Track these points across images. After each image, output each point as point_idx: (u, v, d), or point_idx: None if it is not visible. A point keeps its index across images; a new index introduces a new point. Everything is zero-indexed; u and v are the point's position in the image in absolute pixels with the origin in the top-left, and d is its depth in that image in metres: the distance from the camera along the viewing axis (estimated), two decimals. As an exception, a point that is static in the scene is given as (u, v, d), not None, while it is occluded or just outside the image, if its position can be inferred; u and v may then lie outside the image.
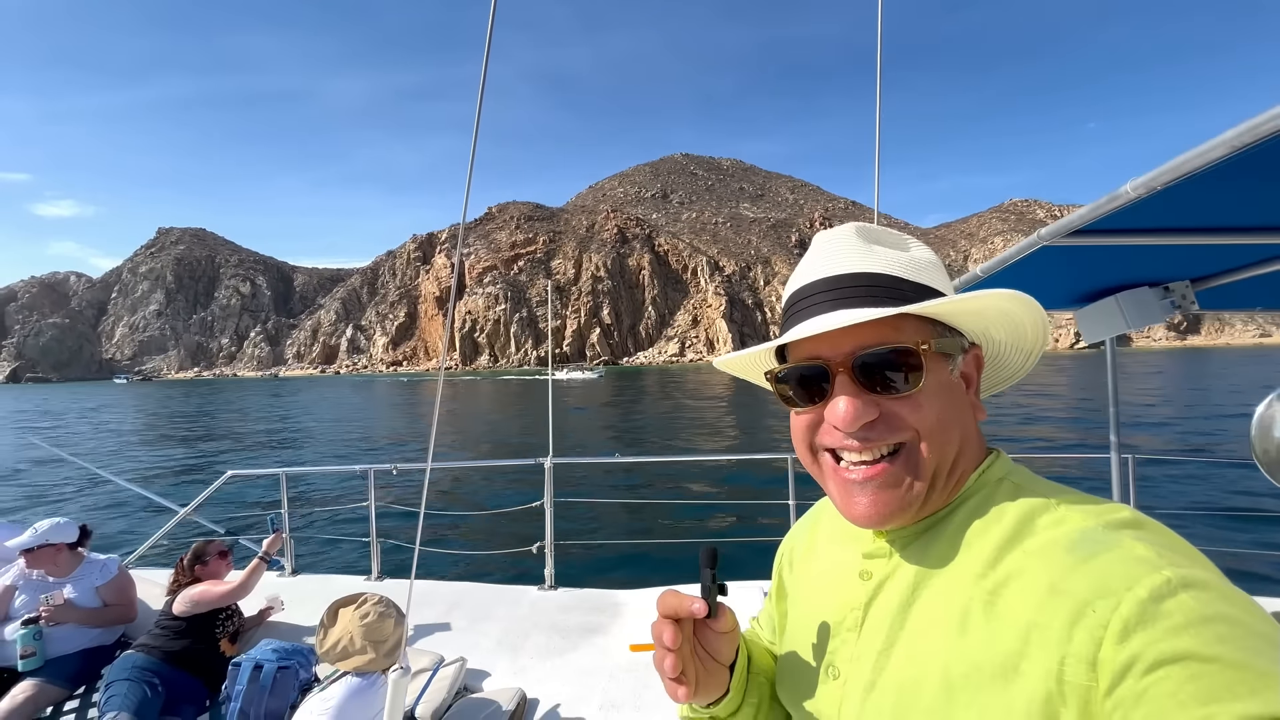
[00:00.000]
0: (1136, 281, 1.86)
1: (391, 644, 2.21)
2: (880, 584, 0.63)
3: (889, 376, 0.58)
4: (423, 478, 1.64)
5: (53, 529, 3.06)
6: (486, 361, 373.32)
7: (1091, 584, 0.47)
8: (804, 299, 0.64)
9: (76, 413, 56.67)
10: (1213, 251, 1.53)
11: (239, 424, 39.12)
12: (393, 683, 1.51)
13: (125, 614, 3.19)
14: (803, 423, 0.64)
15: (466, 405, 50.43)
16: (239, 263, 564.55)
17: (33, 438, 25.07)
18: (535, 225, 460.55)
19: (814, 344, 0.62)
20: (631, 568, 7.22)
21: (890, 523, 0.60)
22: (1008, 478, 0.61)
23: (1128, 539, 0.49)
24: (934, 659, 0.54)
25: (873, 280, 0.61)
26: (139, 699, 2.57)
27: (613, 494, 10.60)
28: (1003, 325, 0.64)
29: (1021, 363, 0.71)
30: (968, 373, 0.64)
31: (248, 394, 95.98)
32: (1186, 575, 0.45)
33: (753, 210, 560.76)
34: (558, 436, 22.74)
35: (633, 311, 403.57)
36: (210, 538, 3.32)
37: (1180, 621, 0.43)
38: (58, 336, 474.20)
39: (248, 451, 25.04)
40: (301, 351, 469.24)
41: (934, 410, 0.59)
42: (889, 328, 0.59)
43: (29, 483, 17.31)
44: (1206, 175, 0.88)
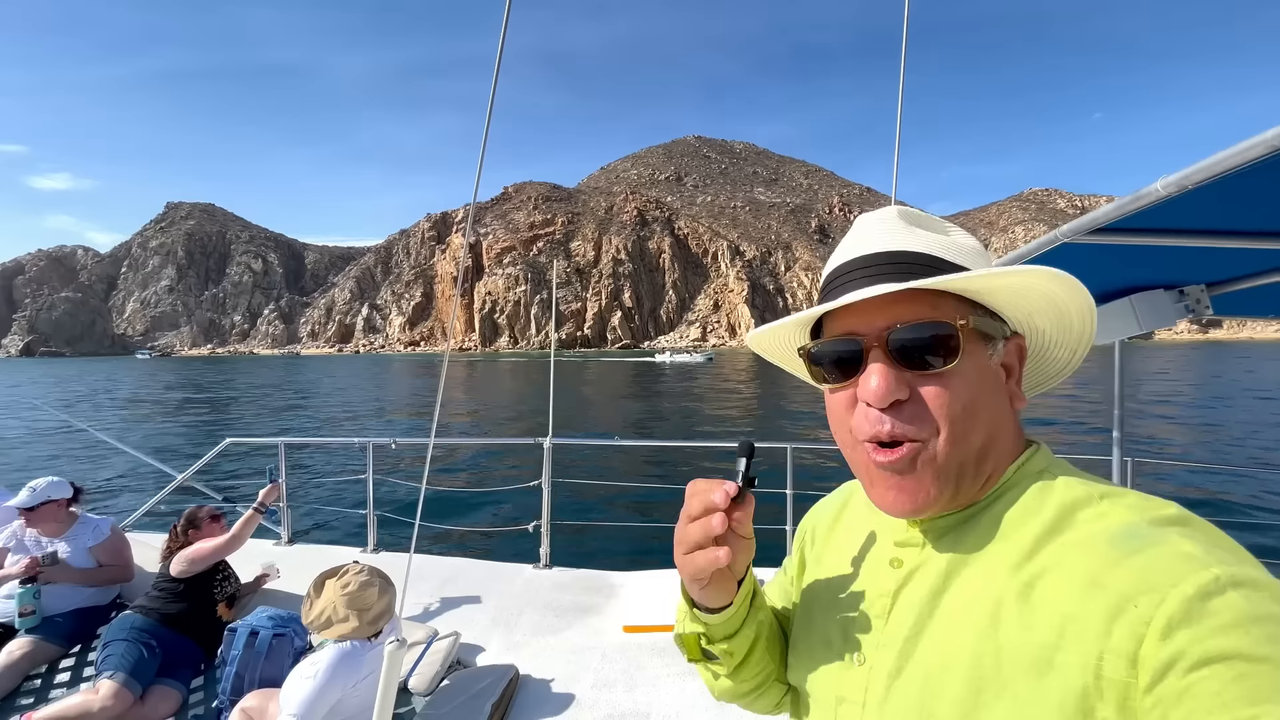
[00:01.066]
0: (1152, 283, 1.84)
1: (375, 612, 2.23)
2: (911, 572, 0.62)
3: (923, 354, 0.57)
4: (424, 453, 1.67)
5: (50, 486, 3.11)
6: (506, 343, 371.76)
7: (1134, 579, 0.46)
8: (841, 275, 0.63)
9: (116, 387, 55.82)
10: (1230, 256, 1.51)
11: (276, 398, 39.82)
12: (388, 654, 1.52)
13: (120, 574, 3.20)
14: (838, 402, 0.63)
15: (486, 385, 50.81)
16: (250, 239, 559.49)
17: (39, 402, 24.82)
18: (554, 206, 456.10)
19: (848, 320, 0.61)
20: (626, 550, 7.22)
21: (919, 513, 0.59)
22: (1048, 470, 0.60)
23: (1174, 535, 0.48)
24: (964, 648, 0.53)
25: (911, 258, 0.60)
26: (135, 659, 2.59)
27: (611, 475, 10.42)
28: (1047, 312, 0.61)
29: (1068, 358, 0.68)
30: (1008, 362, 0.62)
31: (274, 371, 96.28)
32: (1236, 573, 0.44)
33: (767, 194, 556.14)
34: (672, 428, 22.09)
35: (653, 295, 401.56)
36: (204, 503, 3.36)
37: (1228, 620, 0.41)
38: (70, 311, 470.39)
39: (297, 421, 25.66)
40: (316, 330, 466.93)
41: (965, 393, 0.57)
42: (925, 305, 0.58)
43: (31, 449, 17.52)
44: (1237, 176, 0.86)
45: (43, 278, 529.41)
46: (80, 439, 18.14)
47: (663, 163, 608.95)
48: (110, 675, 2.50)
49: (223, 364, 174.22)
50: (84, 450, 16.60)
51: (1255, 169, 0.82)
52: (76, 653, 3.00)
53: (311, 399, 38.42)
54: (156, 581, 2.95)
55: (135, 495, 10.70)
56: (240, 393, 44.88)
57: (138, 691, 2.54)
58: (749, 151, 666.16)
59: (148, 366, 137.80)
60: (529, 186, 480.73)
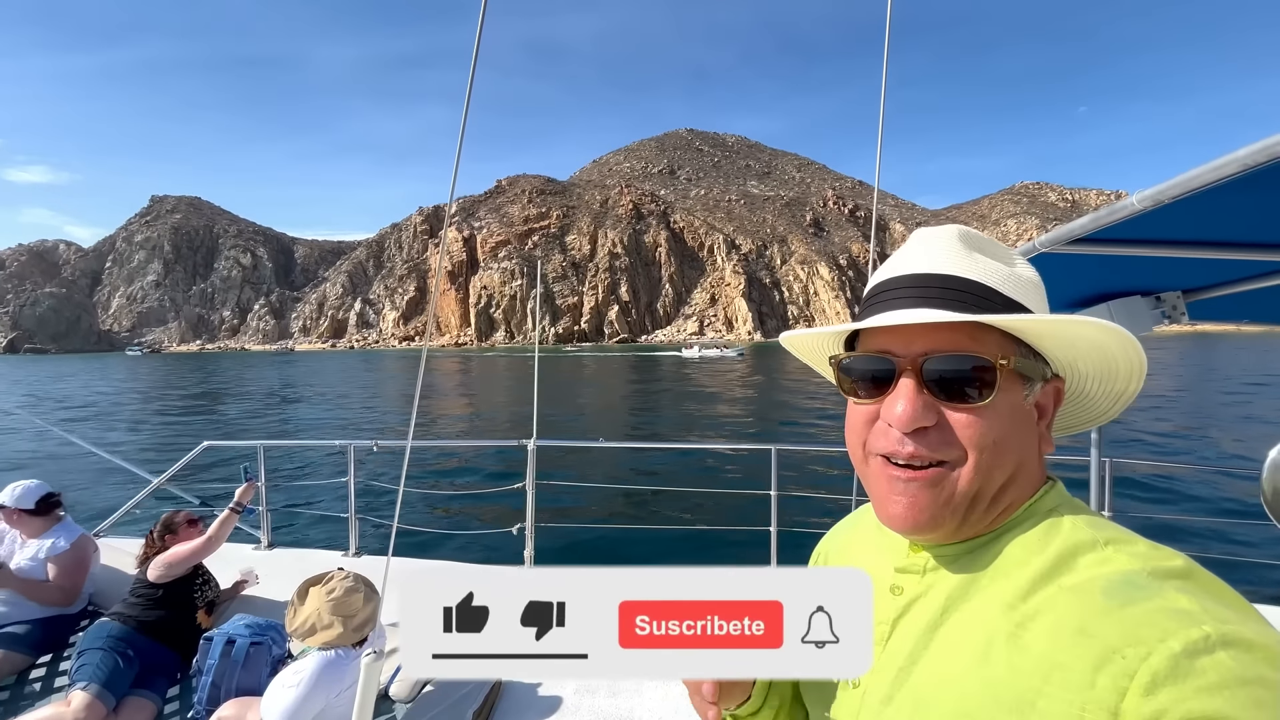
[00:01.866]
0: (1129, 290, 1.89)
1: (360, 619, 2.20)
2: (911, 601, 0.62)
3: (956, 385, 0.56)
4: (411, 455, 1.65)
5: (7, 493, 3.09)
6: (502, 338, 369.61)
7: (1123, 631, 0.45)
8: (888, 290, 0.61)
9: (110, 385, 54.87)
10: (1206, 265, 1.55)
11: (282, 396, 39.88)
12: (365, 667, 1.48)
13: (59, 596, 3.06)
14: (859, 416, 0.62)
15: (481, 382, 50.25)
16: (238, 233, 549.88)
17: (6, 405, 24.28)
18: (548, 199, 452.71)
19: (887, 338, 0.60)
20: (610, 551, 7.22)
21: (925, 532, 0.59)
22: (1059, 509, 0.59)
23: (1171, 589, 0.47)
24: (953, 683, 0.53)
25: (964, 286, 0.58)
26: (110, 669, 2.52)
27: (596, 478, 10.59)
28: (1092, 359, 0.60)
29: (1106, 408, 0.66)
30: (1043, 403, 0.61)
31: (272, 368, 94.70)
32: (1228, 633, 0.43)
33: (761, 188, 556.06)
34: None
35: (650, 289, 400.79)
36: (181, 508, 3.30)
37: (1214, 681, 0.40)
38: (55, 306, 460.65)
39: (311, 422, 25.81)
40: (308, 325, 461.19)
41: (994, 431, 0.56)
42: (967, 336, 0.57)
43: (6, 450, 17.55)
44: (1210, 191, 0.88)
45: (24, 273, 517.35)
46: (53, 440, 17.46)
47: (655, 155, 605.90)
48: (83, 686, 2.44)
49: (216, 360, 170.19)
50: (56, 453, 16.25)
51: (1229, 185, 0.85)
52: (47, 662, 2.94)
53: (308, 398, 38.18)
54: (134, 588, 2.87)
55: (111, 499, 11.29)
56: (248, 390, 44.53)
57: (111, 704, 2.47)
58: (741, 145, 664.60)
59: (138, 364, 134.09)
60: (523, 179, 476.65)
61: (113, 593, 3.25)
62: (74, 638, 3.03)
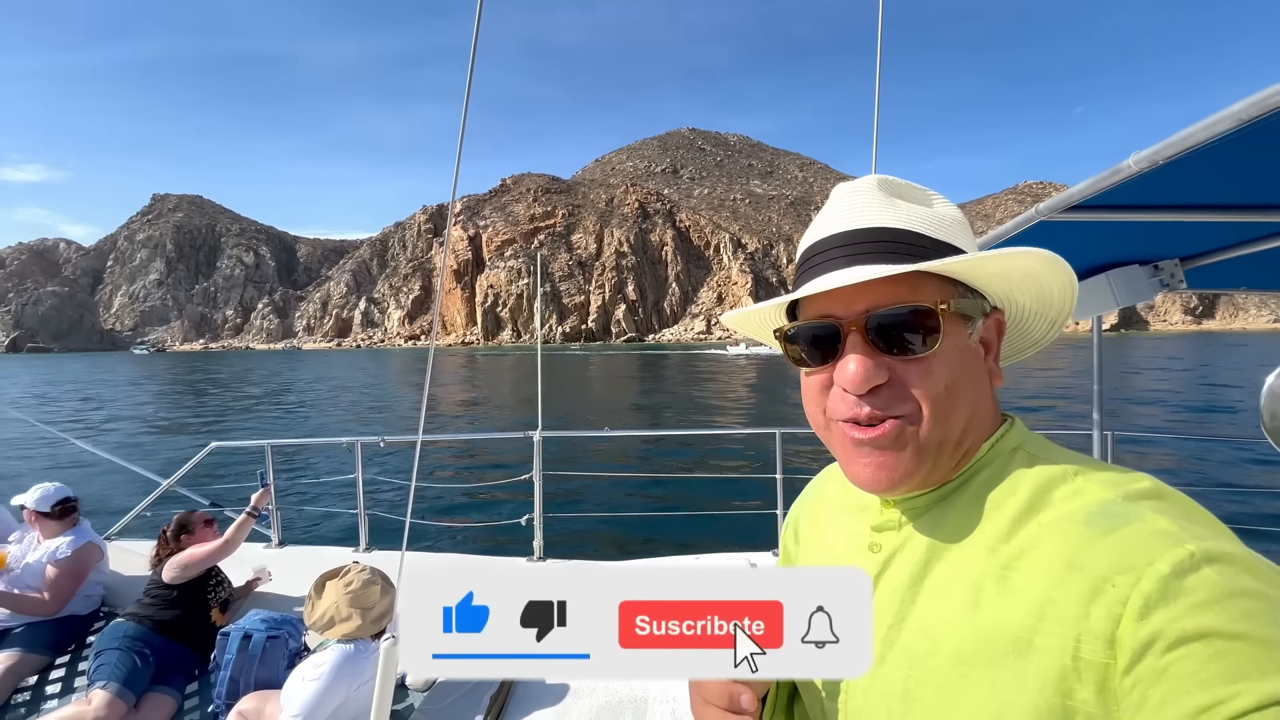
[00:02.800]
0: (1127, 259, 1.89)
1: (379, 611, 2.25)
2: (890, 556, 0.61)
3: (902, 338, 0.56)
4: (418, 449, 1.65)
5: (32, 495, 3.17)
6: (509, 336, 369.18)
7: (1110, 559, 0.46)
8: (818, 254, 0.60)
9: (124, 386, 53.89)
10: (1202, 230, 1.55)
11: (304, 394, 39.94)
12: (384, 652, 1.52)
13: (40, 606, 3.06)
14: (813, 384, 0.62)
15: (489, 379, 50.79)
16: (240, 232, 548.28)
17: (7, 408, 24.27)
18: (553, 198, 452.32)
19: (826, 302, 0.59)
20: (619, 539, 7.30)
21: (896, 489, 0.59)
22: (1022, 446, 0.59)
23: (1148, 511, 0.48)
24: (945, 633, 0.53)
25: (892, 236, 0.58)
26: (129, 669, 2.55)
27: (602, 467, 10.66)
28: (1028, 288, 0.61)
29: (1045, 330, 0.68)
30: (987, 338, 0.62)
31: (285, 366, 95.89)
32: (1210, 549, 0.43)
33: (764, 187, 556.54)
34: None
35: (656, 288, 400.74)
36: (195, 508, 3.37)
37: (1204, 598, 0.41)
38: (57, 305, 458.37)
39: (328, 419, 25.91)
40: (312, 324, 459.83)
41: (946, 375, 0.56)
42: (905, 286, 0.57)
43: (18, 455, 17.61)
44: (1207, 150, 0.88)
45: (24, 271, 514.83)
46: (61, 444, 17.30)
47: (658, 155, 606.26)
48: (103, 685, 2.47)
49: (222, 359, 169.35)
50: (67, 456, 16.12)
51: (1224, 143, 0.85)
52: (66, 662, 2.98)
53: (324, 395, 38.28)
54: (148, 588, 2.91)
55: (121, 502, 10.92)
56: (280, 387, 44.43)
57: (131, 701, 2.51)
58: (743, 144, 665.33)
59: (147, 363, 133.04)
60: (527, 178, 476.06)
61: (125, 594, 3.29)
62: (90, 638, 3.07)
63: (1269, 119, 0.76)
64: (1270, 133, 0.82)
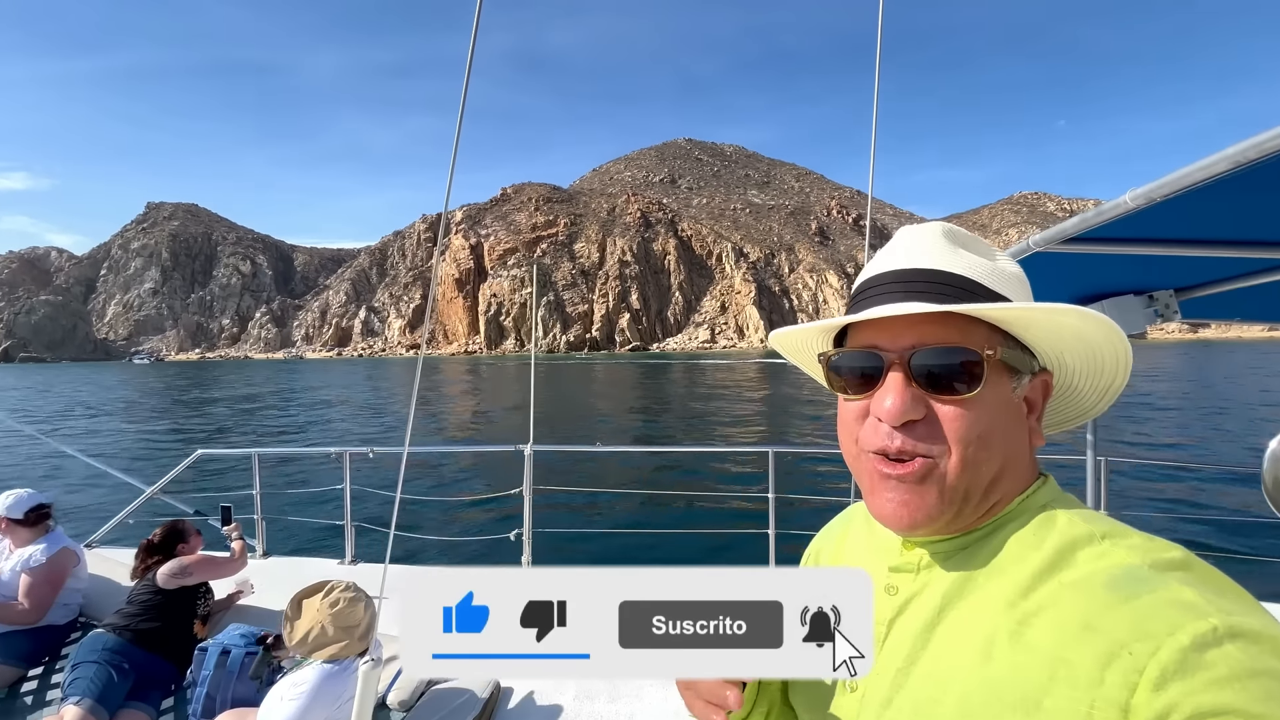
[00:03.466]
0: (1122, 289, 1.89)
1: (364, 628, 2.19)
2: (907, 600, 0.61)
3: (945, 378, 0.56)
4: (415, 460, 1.63)
5: (1, 501, 3.05)
6: (512, 345, 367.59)
7: (1130, 626, 0.44)
8: (874, 287, 0.61)
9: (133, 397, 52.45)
10: (1198, 263, 1.55)
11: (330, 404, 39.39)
12: (363, 675, 1.47)
13: (22, 616, 2.95)
14: (850, 411, 0.62)
15: (493, 388, 50.67)
16: (237, 240, 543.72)
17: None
18: (555, 207, 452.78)
19: (874, 333, 0.60)
20: (609, 556, 7.27)
21: (916, 528, 0.58)
22: (1052, 504, 0.58)
23: (1174, 581, 0.46)
24: (954, 683, 0.52)
25: (949, 280, 0.58)
26: (104, 683, 2.48)
27: (594, 483, 10.81)
28: (1079, 351, 0.60)
29: (1094, 401, 0.66)
30: (1032, 397, 0.61)
31: (291, 375, 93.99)
32: (1235, 625, 0.42)
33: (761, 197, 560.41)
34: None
35: (659, 297, 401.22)
36: (182, 516, 3.30)
37: (1224, 674, 0.40)
38: (50, 314, 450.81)
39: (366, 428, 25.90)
40: (310, 333, 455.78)
41: (982, 422, 0.55)
42: (955, 329, 0.56)
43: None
44: (1201, 190, 0.89)
45: (15, 280, 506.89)
46: (43, 449, 17.05)
47: (656, 165, 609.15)
48: (76, 700, 2.39)
49: (220, 368, 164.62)
50: (48, 462, 15.87)
51: (1219, 182, 0.85)
52: (39, 674, 2.90)
53: (335, 406, 37.80)
54: (133, 596, 2.82)
55: (100, 509, 10.29)
56: (294, 396, 43.70)
57: (104, 717, 2.44)
58: (739, 154, 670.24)
59: (148, 373, 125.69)
60: (528, 188, 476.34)
61: (104, 603, 3.19)
62: (66, 649, 2.97)
63: (1268, 160, 0.76)
64: (1266, 172, 0.82)
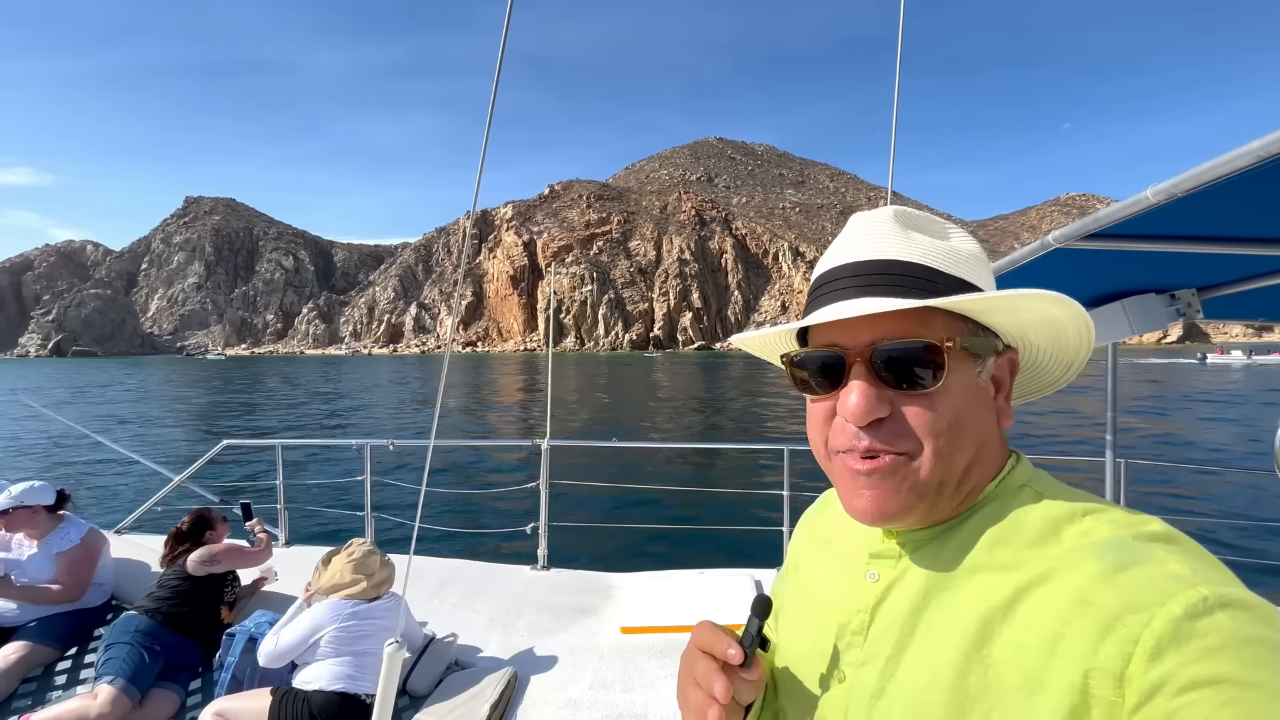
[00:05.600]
0: (1143, 287, 1.86)
1: (379, 578, 2.44)
2: (889, 587, 0.59)
3: (908, 372, 0.55)
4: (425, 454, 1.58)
5: (26, 491, 3.07)
6: (572, 343, 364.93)
7: (1122, 597, 0.45)
8: (830, 282, 0.59)
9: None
10: (1221, 261, 1.52)
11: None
12: (388, 655, 1.53)
13: (65, 595, 3.04)
14: (817, 412, 0.61)
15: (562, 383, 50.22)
16: (278, 235, 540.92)
17: (26, 399, 24.84)
18: (606, 205, 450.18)
19: (833, 331, 0.58)
20: (624, 551, 7.28)
21: (891, 523, 0.57)
22: (1029, 484, 0.58)
23: (1159, 552, 0.47)
24: (947, 667, 0.51)
25: (904, 269, 0.56)
26: (136, 663, 2.57)
27: (608, 478, 10.33)
28: (1042, 330, 0.60)
29: (1060, 373, 0.66)
30: (999, 376, 0.60)
31: (362, 370, 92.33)
32: (1224, 594, 0.43)
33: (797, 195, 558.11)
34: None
35: (718, 296, 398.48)
36: (209, 505, 3.42)
37: (1217, 642, 0.41)
38: (100, 308, 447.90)
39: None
40: (358, 329, 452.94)
41: (949, 413, 0.55)
42: (914, 321, 0.55)
43: (28, 448, 17.49)
44: (1225, 184, 0.87)
45: (53, 274, 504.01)
46: (76, 438, 17.71)
47: (690, 163, 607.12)
48: (110, 680, 2.48)
49: (298, 364, 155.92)
50: (80, 451, 16.29)
51: (1242, 177, 0.84)
52: (73, 655, 3.00)
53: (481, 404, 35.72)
54: (164, 581, 2.92)
55: (131, 496, 10.80)
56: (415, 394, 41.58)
57: (136, 697, 2.51)
58: (769, 153, 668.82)
59: (229, 369, 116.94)
60: (577, 185, 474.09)
61: (134, 587, 3.30)
62: (99, 631, 3.07)
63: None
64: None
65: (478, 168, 1.17)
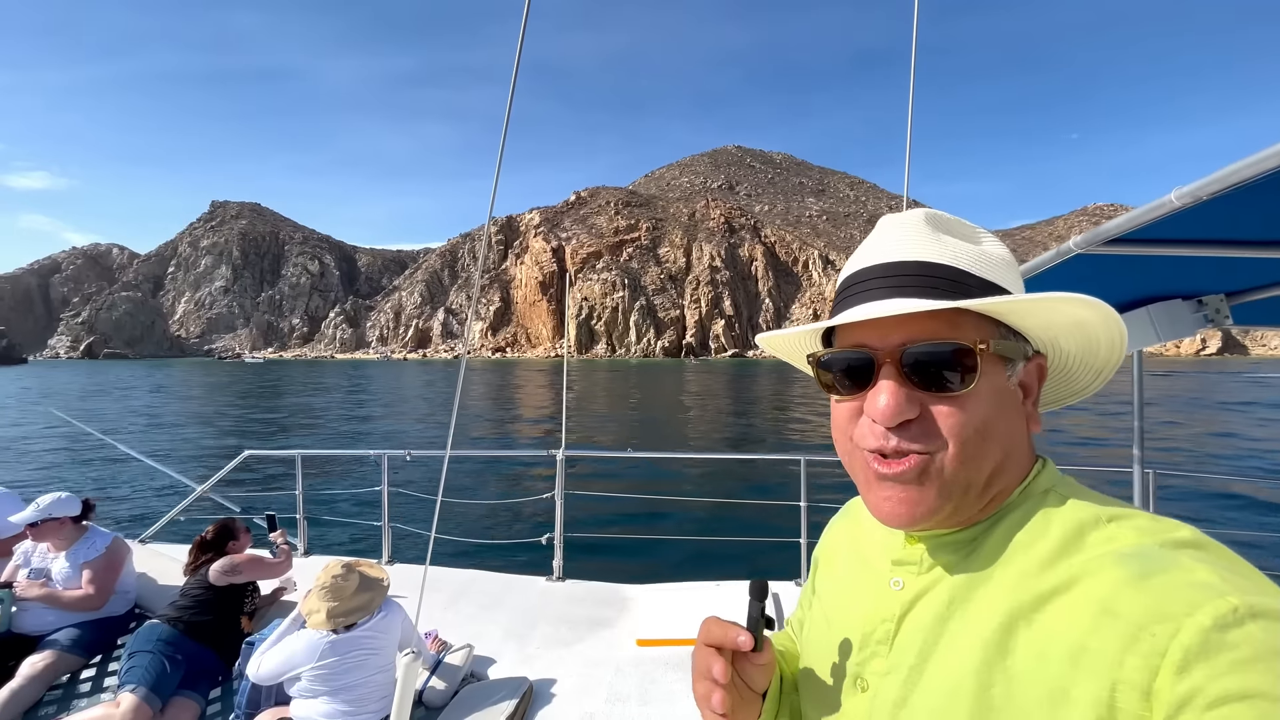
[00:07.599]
0: (1169, 293, 1.80)
1: (354, 604, 2.28)
2: (916, 596, 0.59)
3: (937, 374, 0.54)
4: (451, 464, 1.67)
5: (54, 503, 3.10)
6: (604, 350, 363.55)
7: (1147, 607, 0.43)
8: (859, 283, 0.59)
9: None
10: (1249, 265, 1.46)
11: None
12: (404, 665, 1.50)
13: (90, 601, 3.09)
14: (843, 412, 0.60)
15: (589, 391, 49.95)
16: (304, 240, 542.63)
17: (53, 409, 23.25)
18: (634, 211, 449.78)
19: (862, 331, 0.58)
20: (640, 562, 7.23)
21: (914, 525, 0.56)
22: (1054, 489, 0.57)
23: (1187, 559, 0.45)
24: (971, 677, 0.50)
25: (934, 271, 0.56)
26: (158, 671, 2.59)
27: (625, 488, 10.55)
28: (1073, 335, 0.58)
29: (1090, 380, 0.64)
30: (1027, 382, 0.59)
31: (420, 376, 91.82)
32: (1255, 604, 0.41)
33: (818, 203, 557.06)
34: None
35: (749, 304, 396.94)
36: (231, 515, 3.41)
37: (1248, 655, 0.39)
38: (130, 311, 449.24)
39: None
40: (385, 334, 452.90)
41: (979, 416, 0.54)
42: (944, 323, 0.55)
43: (49, 457, 17.52)
44: (1251, 187, 0.85)
45: (80, 276, 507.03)
46: (100, 447, 17.69)
47: (711, 171, 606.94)
48: (132, 688, 2.51)
49: (332, 369, 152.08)
50: (104, 461, 16.47)
51: (1270, 179, 0.82)
52: (97, 663, 3.02)
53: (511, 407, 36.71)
54: (187, 589, 2.95)
55: (154, 506, 10.93)
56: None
57: (157, 706, 2.54)
58: (788, 161, 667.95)
59: (271, 372, 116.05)
60: (604, 191, 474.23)
61: (157, 596, 3.33)
62: (123, 639, 3.09)
63: None
64: None
65: (494, 175, 1.14)
